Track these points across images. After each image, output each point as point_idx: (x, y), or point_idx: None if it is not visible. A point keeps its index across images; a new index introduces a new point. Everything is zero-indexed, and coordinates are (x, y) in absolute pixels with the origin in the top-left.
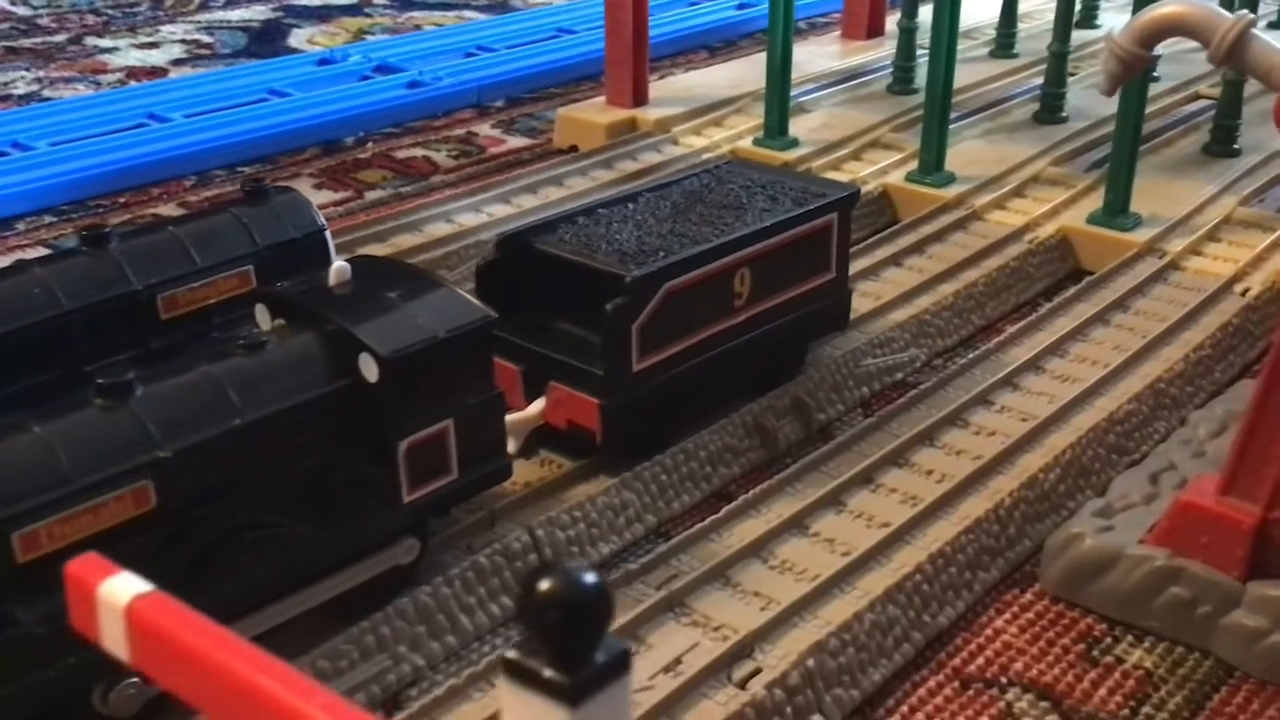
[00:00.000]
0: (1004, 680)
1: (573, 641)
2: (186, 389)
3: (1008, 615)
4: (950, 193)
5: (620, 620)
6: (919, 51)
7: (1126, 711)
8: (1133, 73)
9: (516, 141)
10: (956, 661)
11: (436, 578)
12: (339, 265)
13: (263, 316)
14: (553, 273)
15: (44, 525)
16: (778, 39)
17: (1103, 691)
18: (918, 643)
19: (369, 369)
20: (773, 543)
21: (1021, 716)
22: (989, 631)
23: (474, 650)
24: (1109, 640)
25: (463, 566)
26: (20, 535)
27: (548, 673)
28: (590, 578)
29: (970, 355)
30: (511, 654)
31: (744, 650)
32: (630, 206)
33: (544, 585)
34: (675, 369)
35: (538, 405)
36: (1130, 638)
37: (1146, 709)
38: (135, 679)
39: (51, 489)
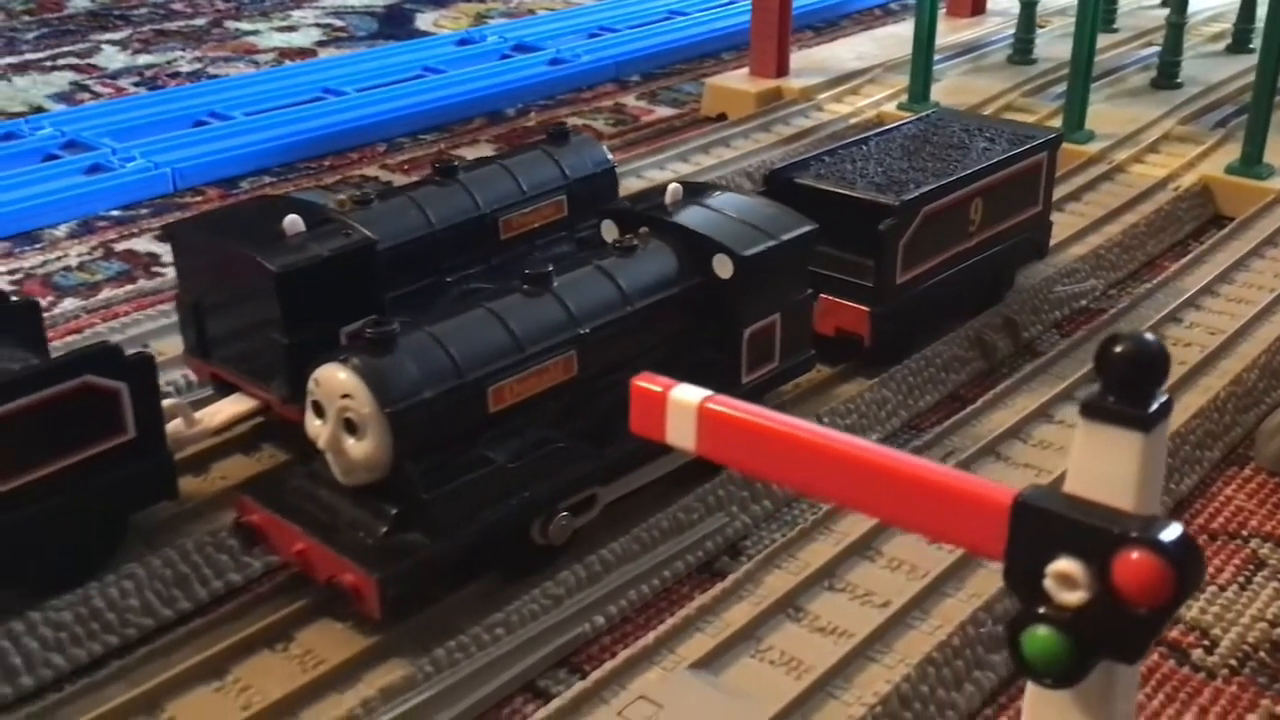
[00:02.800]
0: (1244, 534)
1: (1143, 386)
2: (589, 280)
3: (1233, 486)
4: (1093, 149)
5: None
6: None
7: None
8: None
9: (664, 111)
10: (1200, 520)
11: None
12: (674, 186)
13: (609, 230)
14: (815, 201)
15: (507, 383)
16: (925, 11)
17: None
18: (1167, 505)
19: (723, 267)
20: (1028, 427)
21: (1267, 559)
22: (1221, 498)
23: (784, 514)
24: None
25: None
26: (493, 389)
27: (1125, 409)
28: (1152, 338)
29: (1149, 283)
30: (1090, 399)
31: None
32: (864, 148)
33: (1119, 347)
34: (926, 283)
35: None
36: None
37: None
38: (566, 512)
39: (512, 354)
